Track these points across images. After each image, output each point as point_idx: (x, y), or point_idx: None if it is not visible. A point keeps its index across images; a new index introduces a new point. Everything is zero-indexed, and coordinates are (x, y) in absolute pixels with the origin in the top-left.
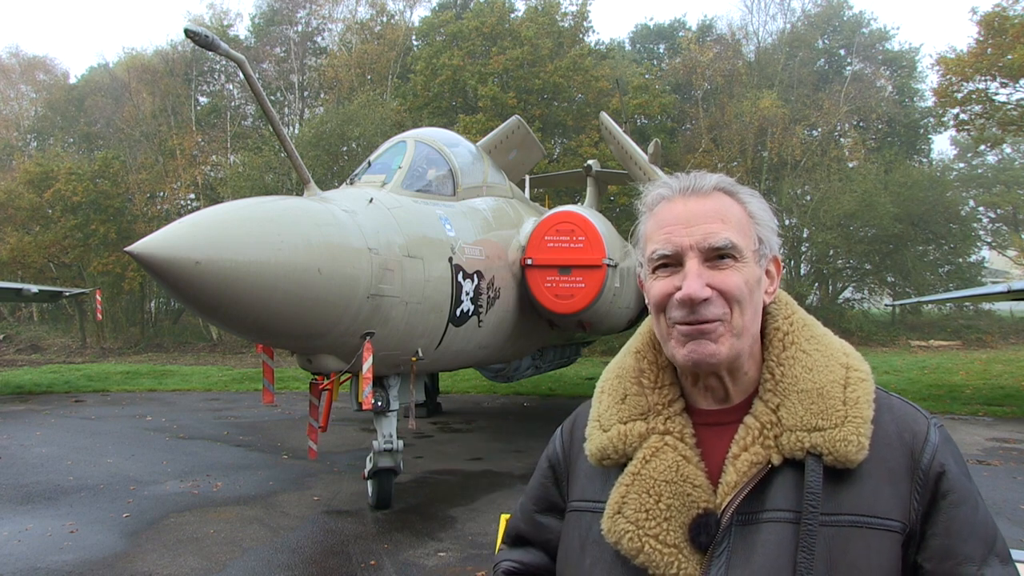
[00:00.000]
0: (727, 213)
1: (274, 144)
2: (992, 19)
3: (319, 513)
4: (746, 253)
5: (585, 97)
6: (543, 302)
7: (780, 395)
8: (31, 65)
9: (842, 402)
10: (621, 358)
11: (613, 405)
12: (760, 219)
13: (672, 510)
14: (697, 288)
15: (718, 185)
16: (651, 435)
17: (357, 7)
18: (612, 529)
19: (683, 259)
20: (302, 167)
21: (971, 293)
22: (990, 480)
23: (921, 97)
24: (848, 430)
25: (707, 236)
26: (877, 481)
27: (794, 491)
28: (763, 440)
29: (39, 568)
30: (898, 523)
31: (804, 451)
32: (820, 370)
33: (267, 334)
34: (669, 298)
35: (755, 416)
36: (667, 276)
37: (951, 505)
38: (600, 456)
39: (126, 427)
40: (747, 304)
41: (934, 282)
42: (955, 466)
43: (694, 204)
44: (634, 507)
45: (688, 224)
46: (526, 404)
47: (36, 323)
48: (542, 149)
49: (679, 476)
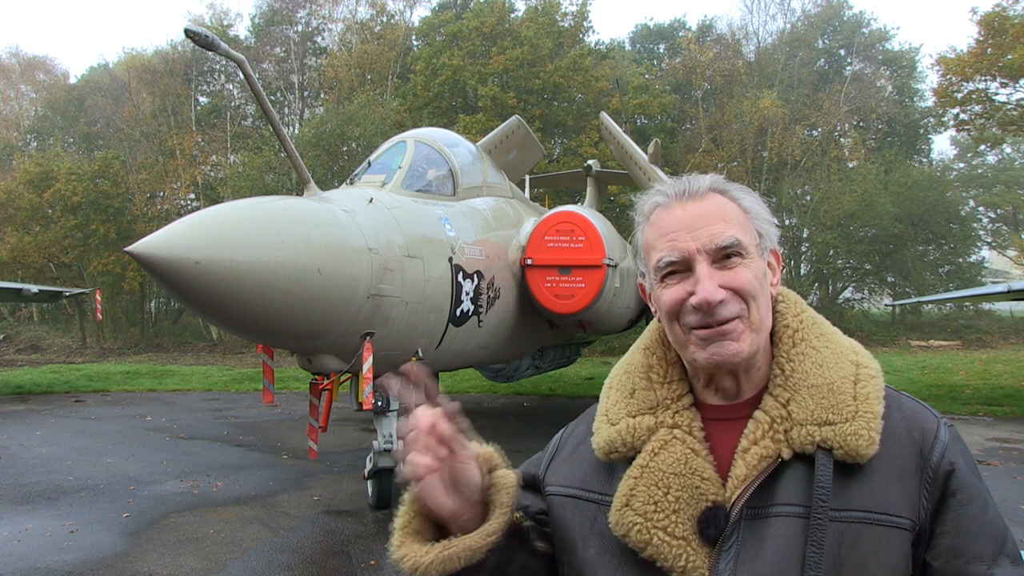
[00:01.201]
0: (726, 212)
1: (274, 144)
2: (992, 19)
3: (319, 513)
4: (750, 249)
5: (585, 97)
6: (543, 302)
7: (791, 390)
8: (31, 65)
9: (852, 397)
10: (630, 355)
11: (622, 399)
12: (756, 213)
13: (681, 503)
14: (712, 291)
15: (711, 186)
16: (660, 428)
17: (357, 7)
18: (620, 522)
19: (692, 264)
20: (302, 167)
21: (971, 293)
22: (990, 480)
23: (921, 97)
24: (859, 424)
25: (713, 237)
26: (887, 478)
27: (804, 485)
28: (773, 434)
29: (39, 568)
30: (907, 520)
31: (814, 445)
32: (830, 366)
33: (267, 334)
34: (682, 304)
35: (765, 410)
36: (677, 283)
37: (960, 503)
38: (608, 449)
39: (126, 427)
40: (761, 298)
41: (934, 282)
42: (964, 465)
43: (693, 207)
44: (642, 499)
45: (691, 228)
46: (526, 404)
47: (36, 323)
48: (542, 149)
49: (688, 469)
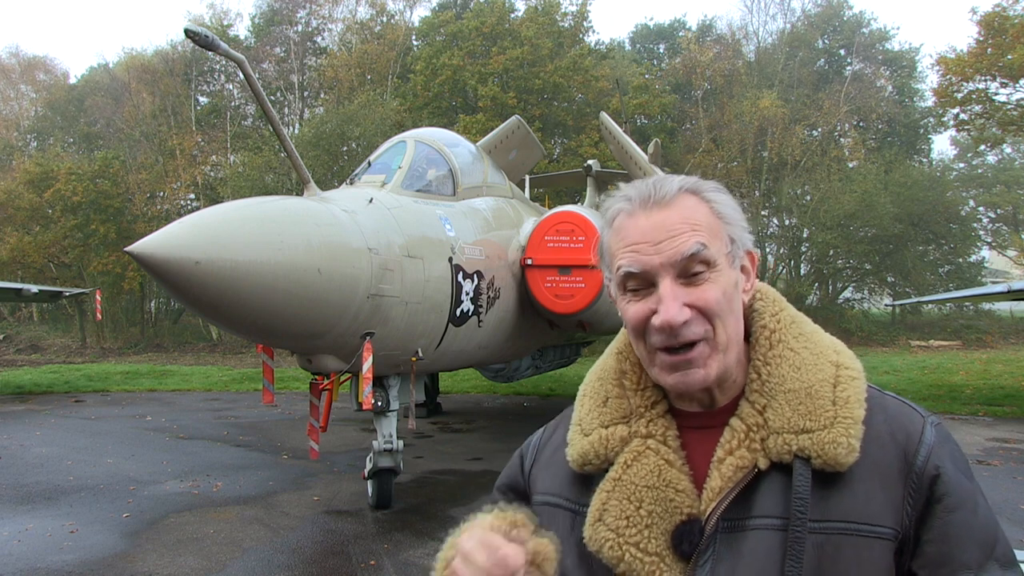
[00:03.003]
0: (694, 218)
1: (274, 144)
2: (992, 19)
3: (319, 513)
4: (719, 260)
5: (585, 97)
6: (543, 302)
7: (767, 395)
8: (31, 65)
9: (831, 402)
10: (603, 359)
11: (595, 408)
12: (729, 218)
13: (654, 516)
14: (675, 312)
15: (681, 187)
16: (633, 439)
17: (357, 7)
18: (593, 537)
19: (655, 279)
20: (302, 167)
21: (971, 293)
22: (990, 480)
23: (921, 97)
24: (837, 431)
25: (678, 250)
26: (869, 485)
27: (781, 496)
28: (749, 443)
29: (39, 568)
30: (890, 530)
31: (792, 454)
32: (808, 369)
33: (267, 334)
34: (646, 322)
35: (741, 418)
36: (640, 300)
37: (946, 510)
38: (581, 462)
39: (126, 427)
40: (728, 316)
41: (934, 282)
42: (952, 467)
43: (658, 216)
44: (615, 514)
45: (655, 240)
46: (526, 404)
47: (36, 323)
48: (542, 149)
49: (661, 481)
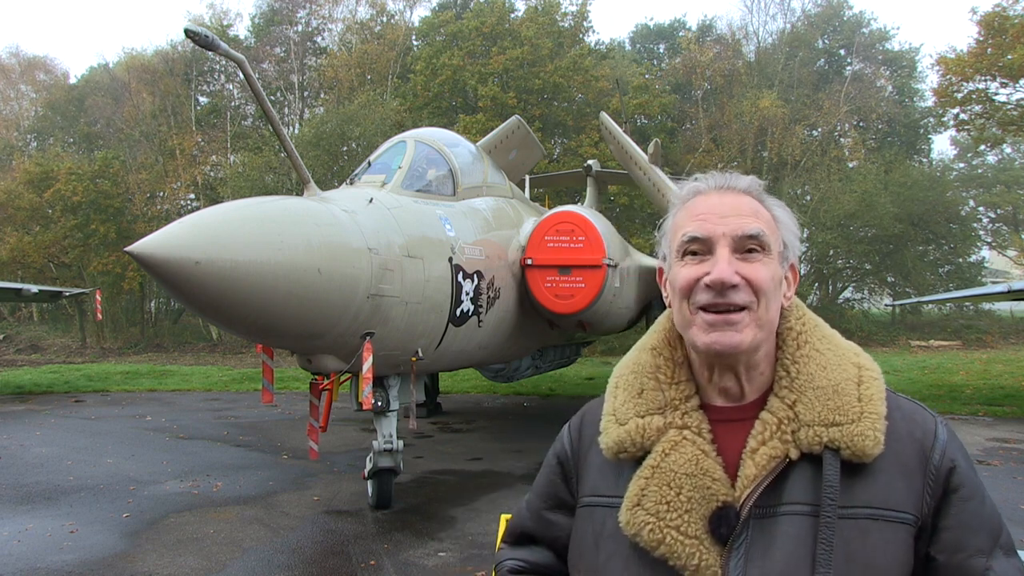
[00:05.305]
0: (759, 211)
1: (274, 144)
2: (992, 19)
3: (319, 513)
4: (773, 250)
5: (585, 97)
6: (543, 302)
7: (796, 391)
8: (31, 65)
9: (857, 399)
10: (636, 354)
11: (630, 399)
12: (786, 224)
13: (692, 502)
14: (728, 273)
15: (749, 188)
16: (669, 429)
17: (357, 7)
18: (631, 521)
19: (714, 246)
20: (302, 167)
21: (971, 293)
22: (990, 480)
23: (921, 97)
24: (865, 425)
25: (740, 226)
26: (890, 476)
27: (811, 485)
28: (781, 435)
29: (39, 568)
30: (911, 516)
31: (822, 445)
32: (834, 368)
33: (267, 334)
34: (696, 283)
35: (772, 412)
36: (695, 263)
37: (961, 499)
38: (617, 449)
39: (126, 427)
40: (772, 298)
41: (934, 282)
42: (964, 462)
43: (729, 198)
44: (654, 499)
45: (722, 215)
46: (526, 404)
47: (36, 323)
48: (542, 149)
49: (699, 469)
